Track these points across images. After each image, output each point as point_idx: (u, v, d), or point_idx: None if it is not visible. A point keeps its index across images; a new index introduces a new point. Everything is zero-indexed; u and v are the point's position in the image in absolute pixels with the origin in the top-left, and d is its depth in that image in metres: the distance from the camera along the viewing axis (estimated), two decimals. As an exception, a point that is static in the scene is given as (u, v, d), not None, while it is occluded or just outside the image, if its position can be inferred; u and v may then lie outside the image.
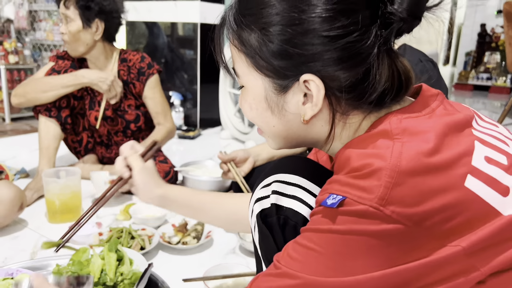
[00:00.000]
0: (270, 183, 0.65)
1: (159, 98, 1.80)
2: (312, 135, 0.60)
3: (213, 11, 2.81)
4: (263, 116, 0.60)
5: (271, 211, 0.63)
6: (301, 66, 0.53)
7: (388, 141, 0.49)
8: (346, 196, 0.48)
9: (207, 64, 2.87)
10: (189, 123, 2.94)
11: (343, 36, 0.51)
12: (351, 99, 0.54)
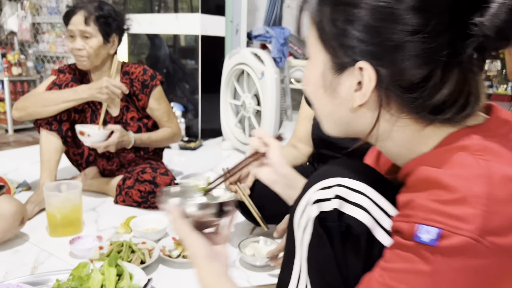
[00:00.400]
0: (332, 185, 0.62)
1: (164, 108, 1.84)
2: (357, 125, 0.59)
3: (214, 23, 2.84)
4: (317, 93, 0.61)
5: (332, 216, 0.61)
6: (360, 52, 0.53)
7: (471, 160, 0.47)
8: (441, 228, 0.44)
9: (208, 75, 2.89)
10: (191, 134, 2.95)
11: (413, 32, 0.49)
12: (404, 101, 0.53)
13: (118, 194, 1.71)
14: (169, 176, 1.70)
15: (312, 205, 0.62)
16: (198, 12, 2.70)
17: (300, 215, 0.65)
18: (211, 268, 0.66)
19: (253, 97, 2.52)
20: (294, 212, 0.66)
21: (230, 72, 2.62)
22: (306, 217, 0.63)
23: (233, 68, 2.60)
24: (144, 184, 1.66)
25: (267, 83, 2.32)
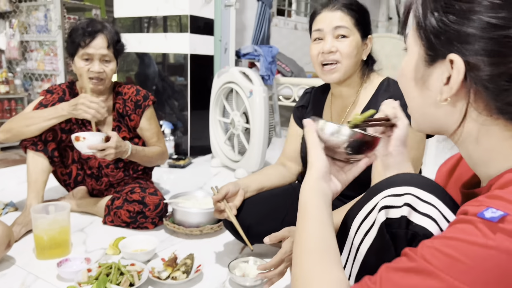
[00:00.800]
0: (402, 194, 0.64)
1: (155, 129, 1.86)
2: (444, 121, 0.60)
3: (203, 42, 2.87)
4: (409, 85, 0.63)
5: (400, 223, 0.62)
6: (452, 44, 0.54)
7: None
8: (508, 213, 0.46)
9: (198, 93, 2.91)
10: (180, 152, 2.95)
11: (503, 28, 0.50)
12: (492, 99, 0.54)
13: (106, 214, 1.70)
14: (158, 196, 1.69)
15: (380, 211, 0.64)
16: (187, 32, 2.73)
17: (363, 219, 0.67)
18: (316, 199, 0.65)
19: (242, 115, 2.54)
20: (355, 216, 0.69)
21: (219, 91, 2.64)
22: (370, 220, 0.66)
23: (222, 86, 2.62)
24: (133, 204, 1.65)
25: (255, 102, 2.35)
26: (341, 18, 1.24)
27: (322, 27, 1.26)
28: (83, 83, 1.67)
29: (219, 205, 1.30)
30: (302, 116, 1.49)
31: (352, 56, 1.25)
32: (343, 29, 1.24)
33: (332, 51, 1.24)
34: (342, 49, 1.24)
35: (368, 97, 1.30)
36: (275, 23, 4.38)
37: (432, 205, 0.63)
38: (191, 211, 1.64)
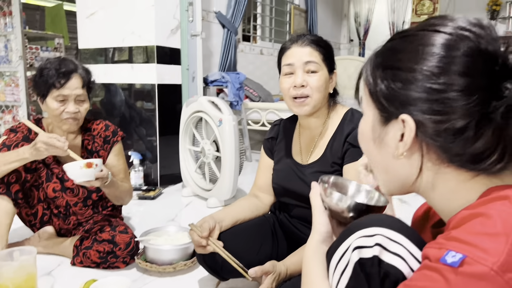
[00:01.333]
0: (373, 234, 0.67)
1: (122, 165, 1.83)
2: (404, 173, 0.66)
3: (170, 72, 2.88)
4: (369, 146, 0.70)
5: (373, 263, 0.66)
6: (402, 106, 0.61)
7: (510, 207, 0.53)
8: (466, 255, 0.49)
9: (166, 122, 2.90)
10: (149, 182, 2.91)
11: (442, 91, 0.57)
12: (442, 150, 0.60)
13: (75, 255, 1.64)
14: (129, 234, 1.66)
15: (353, 251, 0.68)
16: (154, 63, 2.73)
17: (339, 259, 0.70)
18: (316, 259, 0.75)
19: (212, 143, 2.54)
20: (331, 256, 0.72)
21: (188, 120, 2.64)
22: (345, 261, 0.69)
23: (191, 115, 2.62)
24: (103, 244, 1.61)
25: (225, 130, 2.36)
26: (311, 54, 1.29)
27: (292, 62, 1.30)
28: (56, 124, 1.65)
29: (202, 240, 1.29)
30: (272, 147, 1.52)
31: (321, 90, 1.29)
32: (313, 64, 1.29)
33: (303, 85, 1.28)
34: (312, 83, 1.28)
35: (334, 127, 1.35)
36: (241, 49, 4.45)
37: (401, 244, 0.67)
38: (163, 248, 1.61)
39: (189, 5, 2.97)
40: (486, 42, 0.58)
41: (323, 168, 1.32)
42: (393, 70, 0.63)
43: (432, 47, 0.60)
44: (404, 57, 0.62)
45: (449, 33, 0.59)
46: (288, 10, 5.45)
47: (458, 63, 0.57)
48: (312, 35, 1.34)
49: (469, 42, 0.58)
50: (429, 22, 0.63)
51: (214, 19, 3.91)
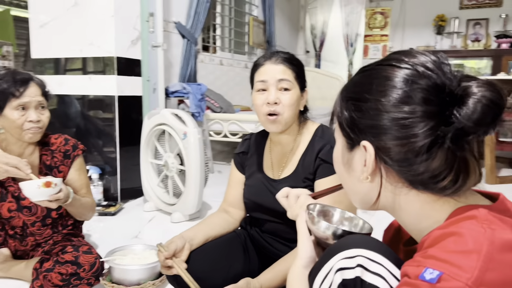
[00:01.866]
0: (354, 256, 0.69)
1: (84, 180, 1.75)
2: (368, 194, 0.71)
3: (130, 84, 2.81)
4: (341, 170, 0.75)
5: (355, 283, 0.68)
6: (363, 134, 0.67)
7: (479, 226, 0.57)
8: (443, 272, 0.53)
9: (127, 135, 2.82)
10: (109, 197, 2.81)
11: (400, 119, 0.62)
12: (398, 173, 0.65)
13: (35, 278, 1.55)
14: (93, 254, 1.59)
15: (336, 272, 0.70)
16: (113, 74, 2.66)
17: (322, 280, 0.72)
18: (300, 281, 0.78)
19: (176, 157, 2.50)
20: (314, 277, 0.74)
21: (150, 132, 2.59)
22: (328, 282, 0.71)
23: (153, 128, 2.57)
24: (65, 265, 1.53)
25: (190, 143, 2.33)
26: (284, 72, 1.31)
27: (266, 79, 1.31)
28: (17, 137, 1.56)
29: (167, 261, 1.27)
30: (242, 162, 1.51)
31: (293, 108, 1.31)
32: (286, 82, 1.30)
33: (276, 102, 1.30)
34: (284, 101, 1.30)
35: (306, 143, 1.37)
36: (201, 59, 4.43)
37: (381, 264, 0.69)
38: (130, 268, 1.56)
39: (150, 15, 2.93)
40: (437, 76, 0.62)
41: (295, 183, 1.33)
42: (354, 101, 0.68)
43: (390, 81, 0.64)
44: (364, 89, 0.67)
45: (405, 68, 0.64)
46: (247, 21, 5.50)
47: (413, 96, 0.61)
48: (284, 53, 1.35)
49: (423, 78, 0.62)
50: (387, 58, 0.69)
51: (173, 29, 3.87)
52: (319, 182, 1.30)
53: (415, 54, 0.66)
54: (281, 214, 1.35)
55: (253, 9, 5.65)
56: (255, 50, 5.76)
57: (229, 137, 3.76)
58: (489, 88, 0.59)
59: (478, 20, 5.92)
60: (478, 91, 0.59)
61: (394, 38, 6.42)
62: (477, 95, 0.58)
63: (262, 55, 1.38)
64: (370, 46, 6.59)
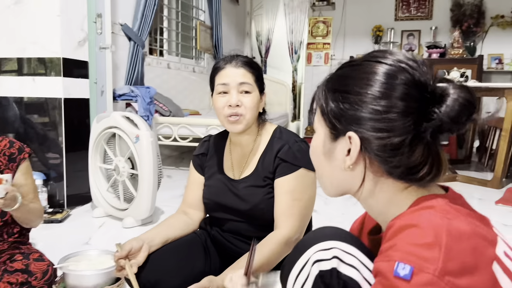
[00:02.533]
0: (330, 248, 0.73)
1: (31, 184, 1.67)
2: (349, 183, 0.75)
3: (77, 86, 2.71)
4: (319, 159, 0.78)
5: (332, 274, 0.71)
6: (349, 125, 0.70)
7: (438, 216, 0.62)
8: (413, 266, 0.58)
9: (73, 139, 2.72)
10: (54, 204, 2.69)
11: (382, 112, 0.66)
12: (382, 163, 0.69)
13: (-20, 290, 1.46)
14: (45, 262, 1.52)
15: (313, 264, 0.73)
16: (60, 76, 2.56)
17: (298, 273, 0.75)
18: None
19: (127, 161, 2.45)
20: (290, 270, 0.77)
21: (99, 136, 2.52)
22: (305, 274, 0.74)
23: (102, 131, 2.50)
24: (15, 274, 1.46)
25: (143, 147, 2.30)
26: (244, 75, 1.35)
27: (227, 82, 1.34)
28: None
29: (120, 261, 1.25)
30: (202, 163, 1.53)
31: (254, 110, 1.36)
32: (247, 85, 1.34)
33: (238, 105, 1.34)
34: (245, 103, 1.34)
35: (265, 144, 1.42)
36: (148, 63, 4.37)
37: (354, 256, 0.75)
38: (85, 274, 1.52)
39: (98, 17, 2.86)
40: (419, 74, 0.69)
41: (256, 182, 1.38)
42: (342, 93, 0.71)
43: (376, 75, 0.69)
44: (352, 82, 0.71)
45: (389, 64, 0.70)
46: (194, 25, 5.49)
47: (397, 89, 0.67)
48: (244, 57, 1.40)
49: (406, 73, 0.68)
50: (373, 55, 0.74)
51: (119, 31, 3.79)
52: (278, 181, 1.34)
53: (398, 53, 0.72)
54: (242, 213, 1.39)
55: (200, 14, 5.66)
56: (203, 55, 5.77)
57: (179, 141, 3.74)
58: (464, 89, 0.66)
59: (411, 31, 6.34)
60: (455, 92, 0.66)
61: (336, 46, 6.70)
62: (455, 95, 0.65)
63: (222, 58, 1.41)
64: (313, 54, 6.82)
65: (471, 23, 5.81)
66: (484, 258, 0.61)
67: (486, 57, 5.88)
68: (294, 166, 1.32)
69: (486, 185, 3.46)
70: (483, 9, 5.88)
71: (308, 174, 1.33)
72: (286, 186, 1.32)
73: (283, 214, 1.30)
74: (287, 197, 1.32)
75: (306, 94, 7.19)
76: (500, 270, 0.62)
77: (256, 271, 1.22)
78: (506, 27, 5.81)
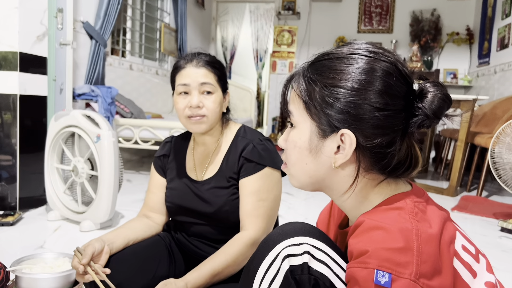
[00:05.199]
0: (300, 243, 0.71)
1: None
2: (335, 181, 0.73)
3: (35, 82, 2.58)
4: (302, 154, 0.73)
5: (302, 270, 0.69)
6: (345, 121, 0.67)
7: (407, 219, 0.63)
8: (391, 273, 0.59)
9: (28, 138, 2.58)
10: (5, 206, 2.53)
11: (384, 109, 0.66)
12: (373, 160, 0.69)
13: None
14: (-4, 264, 1.43)
15: (284, 260, 0.71)
16: (16, 71, 2.42)
17: (267, 268, 0.72)
18: None
19: (87, 161, 2.35)
20: (257, 267, 0.74)
21: (57, 135, 2.40)
22: (274, 269, 0.71)
23: (60, 130, 2.39)
24: (-39, 278, 1.35)
25: (104, 147, 2.21)
26: (206, 75, 1.30)
27: (188, 82, 1.30)
28: None
29: (78, 266, 1.16)
30: (164, 165, 1.48)
31: (216, 111, 1.32)
32: (209, 85, 1.30)
33: (199, 106, 1.29)
34: (207, 104, 1.30)
35: (228, 143, 1.39)
36: (110, 63, 4.24)
37: (325, 252, 0.73)
38: (40, 277, 1.42)
39: (59, 11, 2.74)
40: (408, 72, 0.71)
41: (220, 183, 1.34)
42: (335, 88, 0.68)
43: (374, 72, 0.68)
44: (346, 77, 0.68)
45: (384, 61, 0.69)
46: (159, 27, 5.40)
47: (397, 89, 0.68)
48: (206, 55, 1.34)
49: (399, 71, 0.69)
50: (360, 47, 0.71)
51: (81, 29, 3.66)
52: (243, 181, 1.31)
53: (385, 51, 0.71)
54: (206, 216, 1.35)
55: (165, 16, 5.58)
56: (166, 58, 5.68)
57: (140, 144, 3.64)
58: (440, 86, 0.69)
59: (372, 44, 6.56)
60: (434, 89, 0.68)
61: (300, 55, 6.81)
62: (434, 91, 0.68)
63: (183, 57, 1.35)
64: (278, 62, 6.89)
65: (429, 39, 6.08)
66: (447, 257, 0.63)
67: (442, 71, 6.16)
68: (259, 165, 1.29)
69: (442, 193, 3.59)
70: (440, 25, 6.17)
71: (273, 173, 1.31)
72: (251, 186, 1.29)
73: (249, 215, 1.27)
74: (253, 198, 1.29)
75: (270, 102, 7.24)
76: (460, 264, 0.65)
77: (224, 272, 1.19)
78: (460, 44, 6.12)
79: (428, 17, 6.19)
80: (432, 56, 6.16)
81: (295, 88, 0.74)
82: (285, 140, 0.77)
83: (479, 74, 5.70)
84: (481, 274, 0.68)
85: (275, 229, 0.80)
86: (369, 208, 0.71)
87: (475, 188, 3.81)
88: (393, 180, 0.73)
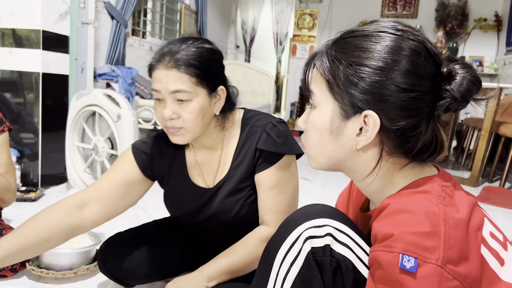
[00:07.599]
0: (323, 225, 0.69)
1: (6, 159, 1.59)
2: (356, 164, 0.71)
3: (57, 60, 2.60)
4: (322, 135, 0.71)
5: (324, 251, 0.67)
6: (369, 102, 0.65)
7: (434, 203, 0.61)
8: (417, 257, 0.57)
9: (50, 116, 2.61)
10: (28, 182, 2.58)
11: (411, 91, 0.63)
12: (397, 143, 0.66)
13: None
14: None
15: (305, 241, 0.69)
16: (39, 49, 2.44)
17: (287, 249, 0.71)
18: None
19: (107, 140, 2.37)
20: (278, 248, 0.73)
21: (78, 114, 2.42)
22: (295, 251, 0.70)
23: (82, 109, 2.41)
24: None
25: (124, 126, 2.22)
26: (178, 80, 1.04)
27: (158, 89, 1.07)
28: None
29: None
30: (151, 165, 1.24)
31: (197, 120, 1.08)
32: (182, 93, 1.05)
33: (174, 118, 1.07)
34: (183, 116, 1.07)
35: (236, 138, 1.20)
36: (130, 43, 4.24)
37: (347, 235, 0.71)
38: (62, 252, 1.45)
39: (81, -10, 2.74)
40: (437, 53, 0.68)
41: (233, 187, 1.18)
42: (360, 67, 0.65)
43: (402, 50, 0.65)
44: (371, 56, 0.65)
45: (412, 39, 0.66)
46: (179, 9, 5.37)
47: (423, 67, 0.65)
48: (180, 50, 1.06)
49: (427, 51, 0.66)
50: (388, 26, 0.69)
51: (102, 9, 3.65)
52: (261, 176, 1.15)
53: (413, 30, 0.68)
54: (222, 223, 1.21)
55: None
56: (186, 40, 5.65)
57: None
58: (470, 68, 0.66)
59: (396, 29, 6.40)
60: (463, 71, 0.65)
61: (321, 39, 6.70)
62: (464, 73, 0.65)
63: (157, 51, 1.09)
64: (298, 46, 6.79)
65: (455, 24, 5.90)
66: (475, 244, 0.61)
67: (468, 59, 5.99)
68: (277, 155, 1.14)
69: (463, 183, 3.52)
70: (467, 11, 5.98)
71: (290, 159, 1.18)
72: (271, 180, 1.14)
73: (271, 211, 1.14)
74: (273, 192, 1.14)
75: (289, 87, 7.16)
76: (487, 251, 0.63)
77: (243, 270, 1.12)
78: (487, 30, 5.93)
79: (455, 2, 5.99)
80: (457, 43, 5.99)
81: (318, 67, 0.71)
82: (305, 121, 0.75)
83: (506, 62, 5.51)
84: (509, 262, 0.65)
85: (297, 210, 0.78)
86: (393, 192, 0.69)
87: (497, 179, 3.72)
88: (418, 164, 0.70)
